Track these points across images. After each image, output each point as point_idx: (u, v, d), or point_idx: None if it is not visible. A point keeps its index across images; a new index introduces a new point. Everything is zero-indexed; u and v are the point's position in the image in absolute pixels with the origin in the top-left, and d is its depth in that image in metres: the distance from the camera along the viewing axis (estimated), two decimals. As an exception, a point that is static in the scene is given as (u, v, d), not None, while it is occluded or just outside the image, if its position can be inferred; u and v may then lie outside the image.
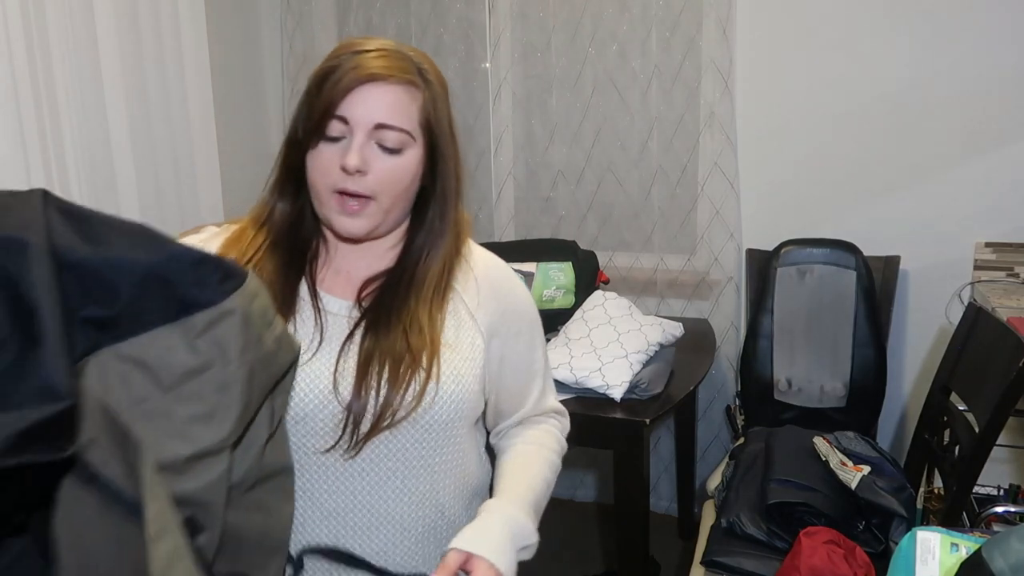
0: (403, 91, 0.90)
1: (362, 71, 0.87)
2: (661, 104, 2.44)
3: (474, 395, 0.97)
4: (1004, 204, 2.18)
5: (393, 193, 0.91)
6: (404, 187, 0.92)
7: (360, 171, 0.88)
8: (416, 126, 0.91)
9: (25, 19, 1.84)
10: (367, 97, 0.88)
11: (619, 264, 2.59)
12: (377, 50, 0.90)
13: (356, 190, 0.89)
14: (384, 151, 0.90)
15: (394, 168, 0.90)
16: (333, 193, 0.90)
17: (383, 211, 0.92)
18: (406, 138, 0.90)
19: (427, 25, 2.66)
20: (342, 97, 0.88)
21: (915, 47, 2.19)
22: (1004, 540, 0.72)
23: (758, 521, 1.68)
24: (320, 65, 0.91)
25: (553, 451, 1.08)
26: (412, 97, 0.91)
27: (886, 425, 2.36)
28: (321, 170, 0.90)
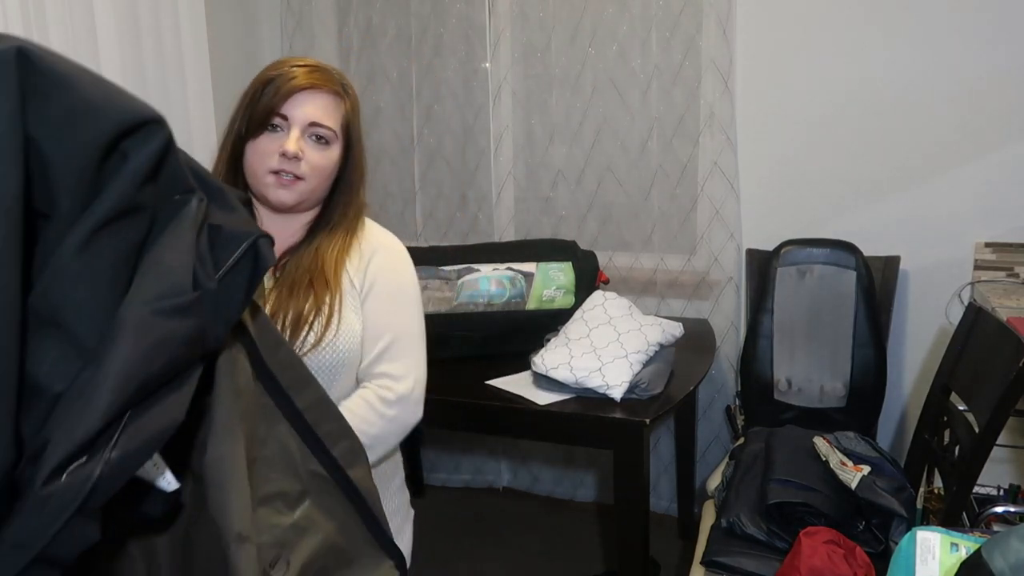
0: (331, 99, 1.17)
1: (301, 80, 1.14)
2: (661, 104, 2.44)
3: (356, 347, 1.18)
4: (1004, 204, 2.18)
5: (319, 177, 1.17)
6: (327, 174, 1.19)
7: (296, 157, 1.13)
8: (339, 127, 1.18)
9: (25, 19, 1.85)
10: (304, 101, 1.14)
11: (619, 264, 2.59)
12: (311, 65, 1.17)
13: (292, 171, 1.14)
14: (315, 143, 1.16)
15: (321, 158, 1.17)
16: (269, 173, 1.14)
17: (310, 189, 1.17)
18: (332, 135, 1.17)
19: (427, 25, 2.66)
20: (284, 100, 1.13)
21: (915, 46, 2.19)
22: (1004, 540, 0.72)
23: (758, 521, 1.68)
24: (261, 75, 1.16)
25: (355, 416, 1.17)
26: (337, 105, 1.18)
27: (886, 425, 2.36)
28: (261, 154, 1.14)
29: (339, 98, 1.18)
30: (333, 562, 0.94)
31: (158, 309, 0.61)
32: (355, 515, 0.97)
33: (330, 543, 0.93)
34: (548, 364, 1.84)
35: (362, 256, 1.23)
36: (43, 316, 0.58)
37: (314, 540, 0.92)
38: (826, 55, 2.27)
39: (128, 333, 0.59)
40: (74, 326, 0.59)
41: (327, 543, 0.93)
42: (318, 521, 0.93)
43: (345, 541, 0.96)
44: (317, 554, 0.92)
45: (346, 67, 2.79)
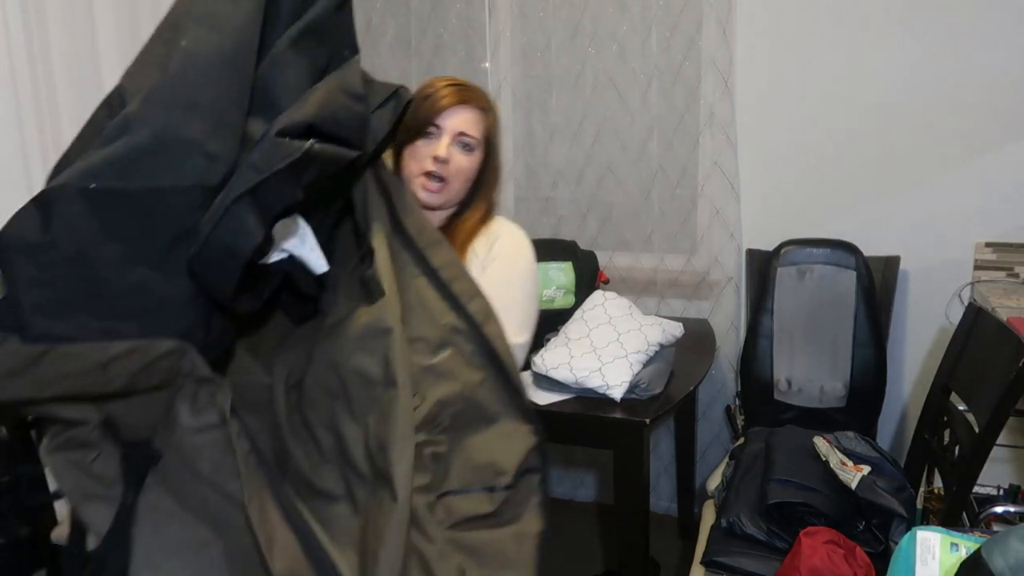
0: (477, 114, 1.37)
1: (453, 98, 1.35)
2: (661, 104, 2.44)
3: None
4: (1004, 204, 2.18)
5: (462, 179, 1.37)
6: (469, 176, 1.38)
7: (446, 160, 1.33)
8: (481, 138, 1.38)
9: (25, 18, 1.85)
10: (454, 114, 1.35)
11: (619, 264, 2.59)
12: (460, 84, 1.38)
13: (440, 173, 1.34)
14: (462, 149, 1.36)
15: (466, 161, 1.36)
16: (421, 175, 1.34)
17: (454, 191, 1.37)
18: (475, 143, 1.36)
19: (427, 25, 2.66)
20: (438, 114, 1.34)
21: (915, 47, 2.19)
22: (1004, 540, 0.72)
23: (758, 521, 1.68)
24: (420, 90, 1.37)
25: None
26: (481, 118, 1.38)
27: (886, 425, 2.36)
28: (417, 158, 1.35)
29: (483, 113, 1.38)
30: (472, 415, 1.04)
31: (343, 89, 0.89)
32: (493, 375, 1.05)
33: (467, 395, 1.03)
34: (548, 364, 1.84)
35: (488, 237, 1.41)
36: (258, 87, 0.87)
37: (450, 386, 1.02)
38: (826, 55, 2.27)
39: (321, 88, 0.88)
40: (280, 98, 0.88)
41: (464, 394, 1.03)
42: (456, 371, 1.04)
43: (483, 399, 1.04)
44: (452, 399, 1.02)
45: (346, 67, 2.78)
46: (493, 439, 1.05)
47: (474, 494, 1.02)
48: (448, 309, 1.06)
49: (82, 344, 0.81)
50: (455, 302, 1.06)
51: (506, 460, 1.04)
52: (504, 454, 1.04)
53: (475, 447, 1.03)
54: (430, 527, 0.97)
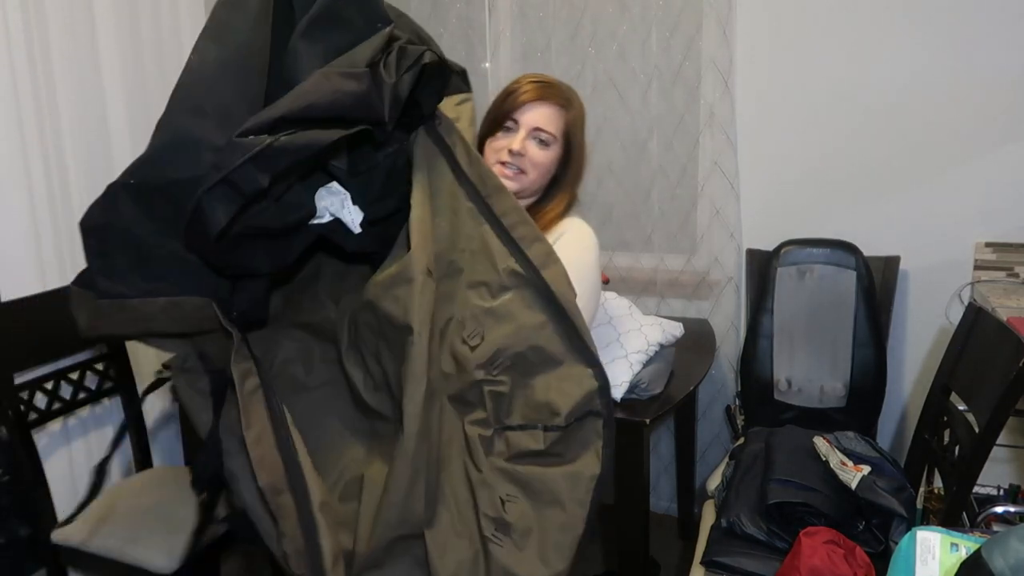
0: (555, 110, 1.42)
1: (532, 94, 1.41)
2: (661, 104, 2.44)
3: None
4: (1004, 204, 2.18)
5: (537, 171, 1.42)
6: (545, 170, 1.43)
7: (520, 153, 1.39)
8: (559, 133, 1.42)
9: (25, 19, 1.84)
10: (532, 109, 1.40)
11: (619, 264, 2.59)
12: (543, 82, 1.42)
13: (517, 164, 1.40)
14: (538, 144, 1.41)
15: (542, 156, 1.42)
16: (497, 164, 1.41)
17: (529, 181, 1.42)
18: (552, 138, 1.41)
19: (427, 25, 2.63)
20: (516, 108, 1.40)
21: (915, 47, 2.19)
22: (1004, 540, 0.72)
23: (758, 521, 1.68)
24: (506, 87, 1.43)
25: None
26: (559, 115, 1.42)
27: (886, 425, 2.36)
28: (495, 150, 1.42)
29: (562, 109, 1.42)
30: (534, 357, 1.10)
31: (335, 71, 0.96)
32: (554, 318, 1.11)
33: (527, 337, 1.10)
34: (548, 364, 1.84)
35: (555, 233, 1.44)
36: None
37: (509, 328, 1.10)
38: (826, 55, 2.27)
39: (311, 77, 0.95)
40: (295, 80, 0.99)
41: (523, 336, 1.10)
42: (516, 313, 1.11)
43: (545, 341, 1.10)
44: (511, 341, 1.10)
45: (346, 67, 2.79)
46: (553, 380, 1.10)
47: (531, 431, 1.09)
48: (509, 254, 1.13)
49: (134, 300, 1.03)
50: (515, 247, 1.13)
51: (562, 401, 1.08)
52: (561, 395, 1.09)
53: (536, 387, 1.10)
54: (478, 457, 1.09)
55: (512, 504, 1.08)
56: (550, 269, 1.13)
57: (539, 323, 1.10)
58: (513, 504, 1.08)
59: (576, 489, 1.08)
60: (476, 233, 1.16)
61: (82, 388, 1.98)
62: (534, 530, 1.07)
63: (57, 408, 1.92)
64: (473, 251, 1.16)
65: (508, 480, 1.09)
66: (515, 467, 1.09)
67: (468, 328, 1.12)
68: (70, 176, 1.99)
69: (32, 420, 1.84)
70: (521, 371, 1.11)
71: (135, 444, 2.09)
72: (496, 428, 1.11)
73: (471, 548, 1.07)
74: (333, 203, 1.10)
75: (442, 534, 1.07)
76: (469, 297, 1.14)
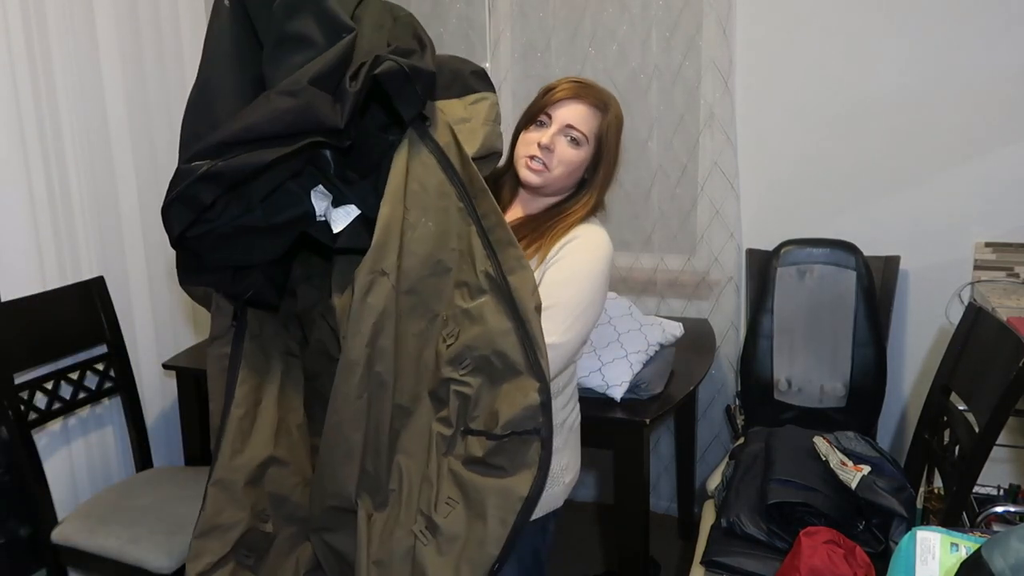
0: (590, 110, 1.38)
1: (568, 92, 1.38)
2: (661, 104, 2.44)
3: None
4: (1004, 204, 2.18)
5: (564, 169, 1.38)
6: (571, 170, 1.39)
7: (548, 148, 1.36)
8: (591, 134, 1.38)
9: (25, 19, 1.84)
10: (566, 106, 1.37)
11: (619, 264, 2.59)
12: (581, 82, 1.40)
13: (544, 159, 1.36)
14: (569, 142, 1.37)
15: (570, 154, 1.37)
16: (525, 156, 1.38)
17: (554, 178, 1.38)
18: (582, 138, 1.37)
19: (427, 25, 2.63)
20: (551, 104, 1.38)
21: (915, 47, 2.19)
22: (1004, 540, 0.72)
23: (758, 521, 1.68)
24: (548, 84, 1.42)
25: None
26: (594, 115, 1.38)
27: (886, 425, 2.36)
28: (526, 143, 1.40)
29: (598, 111, 1.39)
30: (496, 362, 1.12)
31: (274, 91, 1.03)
32: (517, 325, 1.12)
33: (491, 341, 1.12)
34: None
35: (572, 234, 1.41)
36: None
37: (478, 330, 1.13)
38: (826, 55, 2.27)
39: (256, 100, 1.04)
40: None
41: (488, 339, 1.12)
42: (487, 316, 1.13)
43: (507, 349, 1.12)
44: (477, 343, 1.12)
45: (346, 67, 2.78)
46: (506, 389, 1.11)
47: (479, 437, 1.11)
48: (486, 257, 1.15)
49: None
50: (491, 250, 1.15)
51: (505, 410, 1.10)
52: (506, 404, 1.10)
53: (494, 394, 1.12)
54: (432, 454, 1.14)
55: (449, 508, 1.10)
56: (516, 275, 1.14)
57: (505, 329, 1.12)
58: (450, 508, 1.10)
59: (502, 506, 1.08)
60: (464, 233, 1.18)
61: (82, 388, 1.98)
62: (460, 539, 1.09)
63: (57, 408, 1.92)
64: (461, 251, 1.18)
65: (454, 483, 1.12)
66: (463, 471, 1.12)
67: (449, 327, 1.16)
68: (70, 176, 1.99)
69: (32, 420, 1.84)
70: (488, 376, 1.12)
71: (135, 444, 2.09)
72: (459, 429, 1.13)
73: (406, 541, 1.11)
74: (320, 205, 1.14)
75: (385, 520, 1.12)
76: (454, 297, 1.17)
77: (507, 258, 1.15)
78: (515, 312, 1.12)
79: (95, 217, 2.07)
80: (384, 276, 1.11)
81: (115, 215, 2.14)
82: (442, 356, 1.15)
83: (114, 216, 2.14)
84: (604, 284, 1.37)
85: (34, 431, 1.84)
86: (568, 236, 1.39)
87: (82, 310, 1.99)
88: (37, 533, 1.84)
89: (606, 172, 1.43)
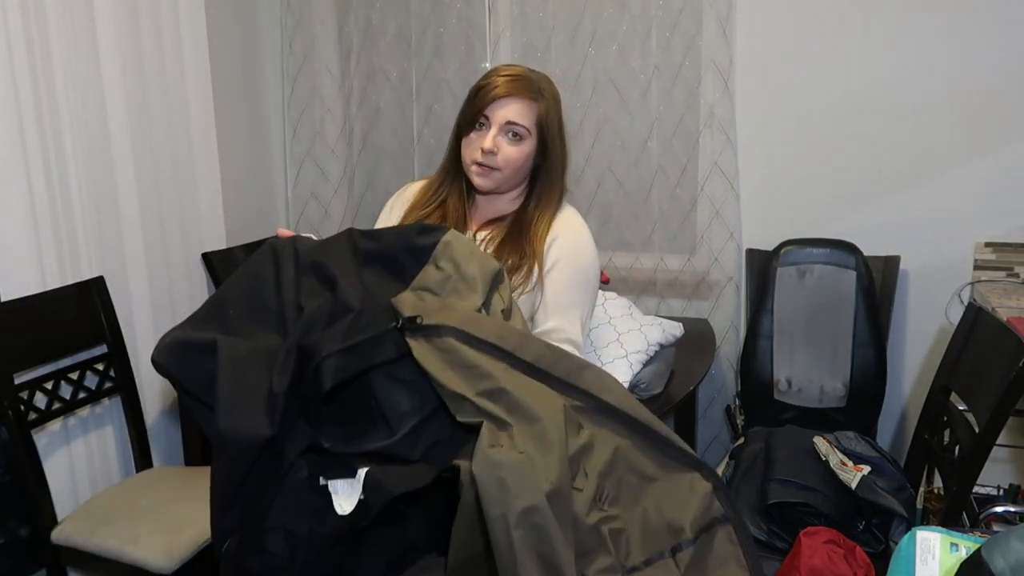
0: (525, 103, 1.39)
1: (501, 90, 1.38)
2: (661, 104, 2.44)
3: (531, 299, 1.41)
4: (1004, 204, 2.18)
5: (512, 167, 1.40)
6: (519, 165, 1.41)
7: (492, 152, 1.37)
8: (532, 126, 1.39)
9: (25, 19, 1.84)
10: (502, 105, 1.38)
11: (619, 264, 2.59)
12: (513, 75, 1.39)
13: (488, 164, 1.38)
14: (511, 139, 1.39)
15: (515, 151, 1.39)
16: (473, 163, 1.40)
17: (504, 177, 1.41)
18: (524, 131, 1.39)
19: (427, 25, 2.66)
20: (487, 104, 1.38)
21: (915, 46, 2.19)
22: (1004, 540, 0.72)
23: (758, 521, 1.68)
24: (476, 84, 1.42)
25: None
26: (531, 107, 1.39)
27: (886, 425, 2.36)
28: (469, 148, 1.41)
29: (534, 101, 1.39)
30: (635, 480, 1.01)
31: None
32: (637, 435, 1.03)
33: (622, 460, 1.01)
34: (548, 364, 1.84)
35: (551, 233, 1.44)
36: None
37: (602, 455, 1.00)
38: (826, 55, 2.27)
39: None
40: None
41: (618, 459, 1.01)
42: (603, 438, 1.02)
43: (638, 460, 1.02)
44: (609, 467, 1.00)
45: (346, 67, 2.79)
46: (662, 497, 0.99)
47: (660, 563, 0.96)
48: (560, 394, 1.03)
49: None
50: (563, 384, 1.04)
51: (681, 514, 0.97)
52: (676, 509, 0.98)
53: (649, 510, 0.99)
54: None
55: None
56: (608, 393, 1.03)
57: (627, 445, 1.01)
58: None
59: None
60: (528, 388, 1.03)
61: (82, 388, 1.98)
62: None
63: (57, 408, 1.92)
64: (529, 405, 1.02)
65: None
66: None
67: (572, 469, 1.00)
68: (70, 176, 1.98)
69: (32, 420, 1.84)
70: (630, 498, 1.00)
71: (135, 444, 2.09)
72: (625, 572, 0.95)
73: None
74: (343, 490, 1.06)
75: None
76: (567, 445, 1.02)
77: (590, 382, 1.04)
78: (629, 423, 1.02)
79: (95, 217, 2.07)
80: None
81: (115, 215, 2.14)
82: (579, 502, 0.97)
83: (114, 216, 2.14)
84: (599, 274, 1.47)
85: (34, 431, 1.84)
86: (552, 233, 1.43)
87: (82, 310, 1.99)
88: (37, 533, 1.84)
89: (558, 154, 1.44)
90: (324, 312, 1.04)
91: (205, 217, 2.45)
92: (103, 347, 2.04)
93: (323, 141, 2.85)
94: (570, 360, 1.06)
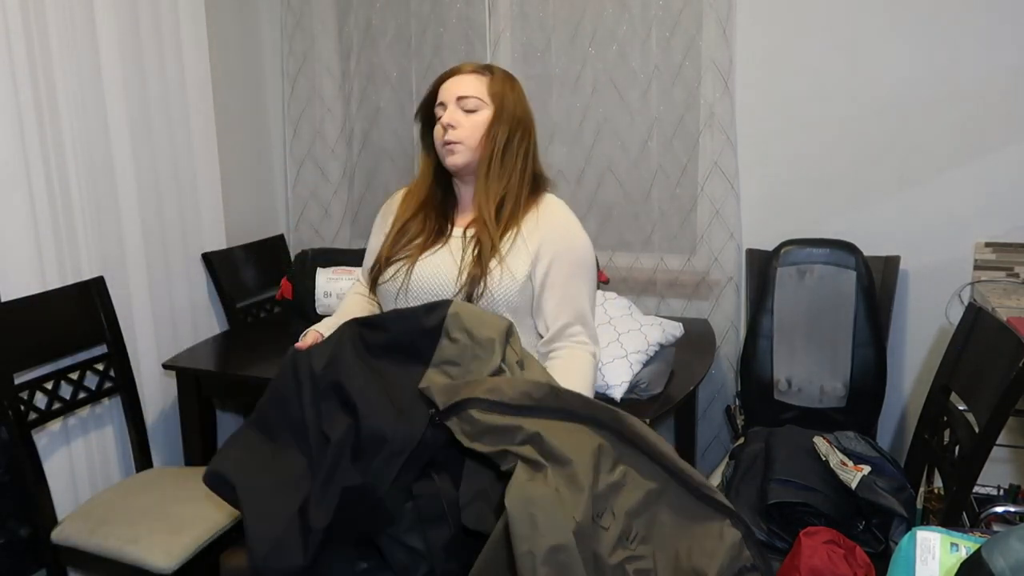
0: (471, 77, 1.44)
1: (447, 73, 1.46)
2: (661, 104, 2.44)
3: (516, 292, 1.41)
4: (1003, 204, 2.18)
5: (474, 138, 1.42)
6: (481, 134, 1.42)
7: (452, 126, 1.41)
8: (485, 95, 1.43)
9: (25, 19, 1.84)
10: (451, 85, 1.44)
11: (619, 264, 2.59)
12: (461, 63, 1.47)
13: (451, 139, 1.41)
14: (466, 112, 1.42)
15: (471, 120, 1.42)
16: (443, 145, 1.43)
17: (470, 150, 1.42)
18: (479, 102, 1.42)
19: (427, 25, 2.66)
20: (437, 88, 1.45)
21: (915, 47, 2.19)
22: (1004, 540, 0.72)
23: (758, 521, 1.68)
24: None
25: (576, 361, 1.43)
26: (479, 79, 1.44)
27: (886, 425, 2.36)
28: (437, 135, 1.45)
29: (480, 75, 1.45)
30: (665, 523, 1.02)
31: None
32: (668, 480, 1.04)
33: (652, 502, 1.02)
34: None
35: (538, 224, 1.44)
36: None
37: (633, 495, 1.02)
38: (826, 55, 2.27)
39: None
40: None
41: (649, 501, 1.02)
42: (635, 479, 1.03)
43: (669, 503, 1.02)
44: (638, 507, 1.01)
45: (346, 67, 2.79)
46: (692, 542, 1.00)
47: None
48: (595, 433, 1.06)
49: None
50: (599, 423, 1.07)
51: (709, 561, 0.97)
52: (705, 556, 0.98)
53: (680, 554, 0.99)
54: None
55: None
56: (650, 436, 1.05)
57: (658, 489, 1.03)
58: None
59: None
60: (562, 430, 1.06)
61: (82, 388, 1.98)
62: None
63: (57, 408, 1.92)
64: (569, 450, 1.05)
65: None
66: None
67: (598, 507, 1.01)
68: (70, 176, 1.98)
69: (32, 420, 1.84)
70: (659, 541, 1.00)
71: (135, 444, 2.09)
72: None
73: None
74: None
75: None
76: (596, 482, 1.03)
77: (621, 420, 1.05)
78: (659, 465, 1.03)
79: (95, 217, 2.07)
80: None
81: (115, 215, 2.14)
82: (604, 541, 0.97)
83: (114, 216, 2.14)
84: (590, 249, 1.48)
85: (34, 431, 1.84)
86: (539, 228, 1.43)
87: (82, 310, 1.99)
88: (37, 533, 1.84)
89: (517, 133, 1.45)
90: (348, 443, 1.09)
91: (205, 217, 2.45)
92: (103, 347, 2.04)
93: (323, 141, 2.85)
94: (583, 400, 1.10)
